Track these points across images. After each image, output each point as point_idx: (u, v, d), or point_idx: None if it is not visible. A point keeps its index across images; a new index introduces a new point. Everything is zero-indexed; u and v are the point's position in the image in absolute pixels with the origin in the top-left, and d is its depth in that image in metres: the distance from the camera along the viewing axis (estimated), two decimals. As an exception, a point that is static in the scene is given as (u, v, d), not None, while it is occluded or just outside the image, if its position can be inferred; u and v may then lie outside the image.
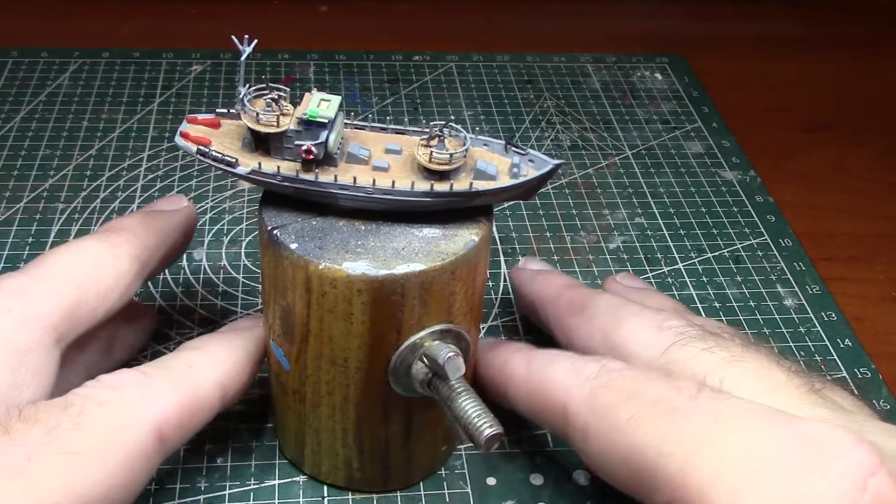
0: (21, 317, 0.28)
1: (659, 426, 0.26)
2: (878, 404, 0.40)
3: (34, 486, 0.24)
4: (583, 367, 0.30)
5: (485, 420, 0.28)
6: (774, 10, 0.74)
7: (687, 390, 0.27)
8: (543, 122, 0.58)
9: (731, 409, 0.26)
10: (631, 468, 0.27)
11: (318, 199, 0.30)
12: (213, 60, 0.61)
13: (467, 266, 0.29)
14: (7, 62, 0.60)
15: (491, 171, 0.29)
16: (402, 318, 0.29)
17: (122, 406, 0.27)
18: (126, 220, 0.34)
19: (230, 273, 0.45)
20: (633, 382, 0.28)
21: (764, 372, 0.29)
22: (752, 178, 0.54)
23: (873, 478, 0.23)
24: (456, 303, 0.30)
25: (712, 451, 0.25)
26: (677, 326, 0.31)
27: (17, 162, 0.51)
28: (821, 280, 0.47)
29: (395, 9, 0.70)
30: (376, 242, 0.29)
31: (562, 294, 0.37)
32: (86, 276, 0.31)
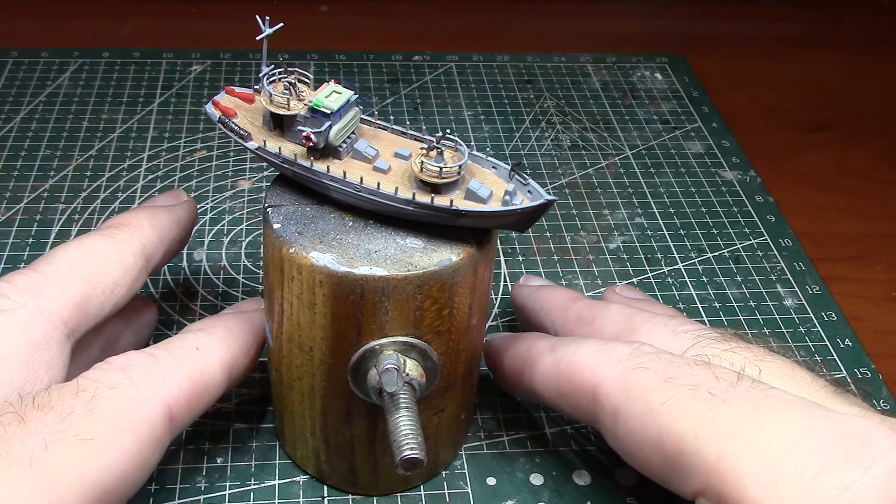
0: (34, 312, 0.29)
1: (697, 411, 0.26)
2: (878, 404, 0.40)
3: (52, 474, 0.24)
4: (613, 349, 0.29)
5: (409, 442, 0.27)
6: (774, 10, 0.74)
7: (726, 378, 0.27)
8: (543, 122, 0.58)
9: (771, 399, 0.26)
10: (664, 452, 0.27)
11: (312, 186, 0.30)
12: (213, 60, 0.61)
13: (439, 284, 0.28)
14: (7, 62, 0.60)
15: (483, 193, 0.28)
16: (361, 320, 0.29)
17: (132, 389, 0.27)
18: (129, 216, 0.34)
19: (230, 273, 0.45)
20: (669, 365, 0.28)
21: (788, 370, 0.29)
22: (752, 178, 0.54)
23: None
24: (425, 319, 0.29)
25: (751, 439, 0.25)
26: (693, 330, 0.31)
27: (18, 162, 0.51)
28: (821, 280, 0.47)
29: (395, 9, 0.70)
30: (355, 240, 0.29)
31: (569, 307, 0.36)
32: (94, 271, 0.31)
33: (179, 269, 0.45)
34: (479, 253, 0.29)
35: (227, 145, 0.54)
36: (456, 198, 0.28)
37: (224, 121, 0.31)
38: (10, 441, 0.24)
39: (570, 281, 0.46)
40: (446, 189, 0.29)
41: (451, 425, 0.34)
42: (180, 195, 0.37)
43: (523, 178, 0.29)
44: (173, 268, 0.44)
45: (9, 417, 0.25)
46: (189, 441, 0.36)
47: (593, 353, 0.30)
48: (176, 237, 0.35)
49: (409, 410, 0.28)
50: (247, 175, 0.51)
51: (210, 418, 0.37)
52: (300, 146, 0.30)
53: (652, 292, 0.45)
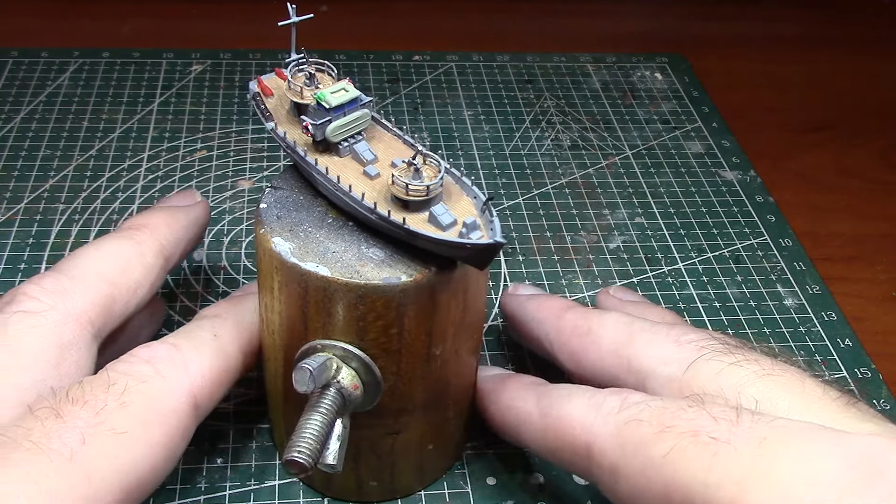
0: (63, 314, 0.29)
1: (702, 458, 0.24)
2: (878, 404, 0.40)
3: (90, 468, 0.25)
4: (602, 402, 0.28)
5: (300, 444, 0.27)
6: (774, 10, 0.74)
7: (725, 417, 0.25)
8: (543, 122, 0.58)
9: (776, 430, 0.24)
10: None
11: (307, 176, 0.31)
12: (213, 60, 0.61)
13: (384, 300, 0.28)
14: (7, 62, 0.60)
15: (444, 220, 0.27)
16: (307, 316, 0.29)
17: (159, 381, 0.28)
18: (147, 217, 0.35)
19: (230, 273, 0.45)
20: (663, 414, 0.26)
21: (798, 385, 0.27)
22: (752, 178, 0.54)
23: None
24: (370, 332, 0.29)
25: (763, 478, 0.23)
26: (697, 340, 0.30)
27: (18, 162, 0.51)
28: (821, 280, 0.47)
29: (395, 9, 0.70)
30: (322, 236, 0.29)
31: (562, 316, 0.35)
32: (117, 273, 0.32)
33: (180, 270, 0.45)
34: (437, 279, 0.28)
35: (227, 145, 0.54)
36: (418, 218, 0.28)
37: (256, 98, 0.32)
38: (49, 436, 0.25)
39: (570, 280, 0.46)
40: (416, 207, 0.28)
41: (412, 452, 0.33)
42: (195, 195, 0.38)
43: (491, 214, 0.28)
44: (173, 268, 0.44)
45: (45, 412, 0.26)
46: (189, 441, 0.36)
47: (581, 407, 0.29)
48: (191, 237, 0.36)
49: (321, 414, 0.28)
50: (247, 175, 0.51)
51: (210, 419, 0.37)
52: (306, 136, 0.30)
53: (652, 292, 0.45)
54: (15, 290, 0.30)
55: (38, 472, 0.24)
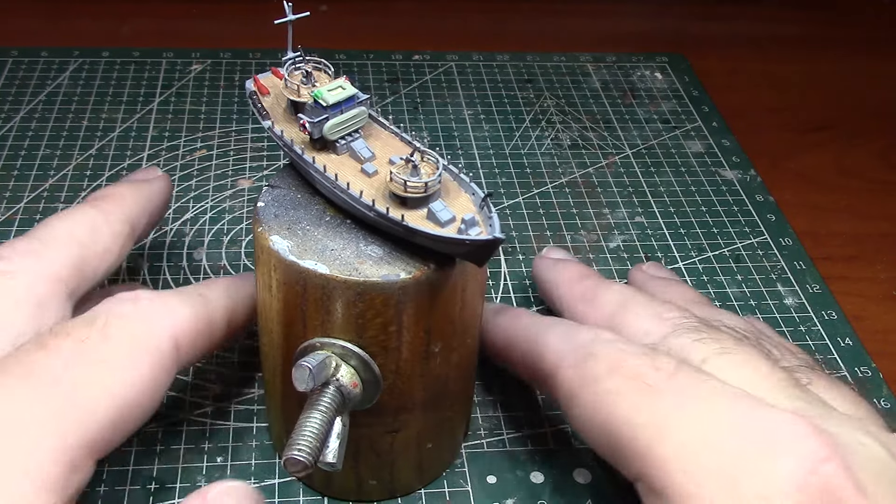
0: (36, 273, 0.31)
1: (634, 400, 0.27)
2: (878, 403, 0.40)
3: (74, 392, 0.26)
4: (576, 335, 0.31)
5: (300, 442, 0.27)
6: (774, 10, 0.74)
7: (666, 368, 0.28)
8: (543, 122, 0.58)
9: (702, 389, 0.27)
10: (609, 438, 0.28)
11: (304, 175, 0.31)
12: (213, 60, 0.61)
13: (382, 297, 0.28)
14: (7, 62, 0.60)
15: (443, 216, 0.27)
16: (306, 314, 0.29)
17: (142, 318, 0.29)
18: (113, 189, 0.37)
19: (230, 273, 0.45)
20: (618, 355, 0.29)
21: (750, 364, 0.29)
22: (753, 178, 0.54)
23: (825, 465, 0.24)
24: (369, 330, 0.28)
25: (677, 428, 0.26)
26: (676, 318, 0.32)
27: (17, 162, 0.51)
28: (821, 279, 0.47)
29: (395, 9, 0.70)
30: (320, 234, 0.29)
31: (576, 283, 0.37)
32: (86, 237, 0.33)
33: (179, 269, 0.45)
34: (436, 276, 0.28)
35: (226, 145, 0.54)
36: (416, 215, 0.28)
37: (253, 97, 0.32)
38: (33, 365, 0.26)
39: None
40: (414, 204, 0.28)
41: (411, 450, 0.33)
42: (157, 171, 0.40)
43: (489, 211, 0.27)
44: (173, 268, 0.44)
45: (29, 345, 0.27)
46: (189, 440, 0.36)
47: (558, 335, 0.31)
48: (154, 209, 0.37)
49: (320, 413, 0.28)
50: (247, 174, 0.51)
51: (210, 418, 0.37)
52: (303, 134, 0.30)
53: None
54: None
55: (22, 396, 0.25)
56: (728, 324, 0.33)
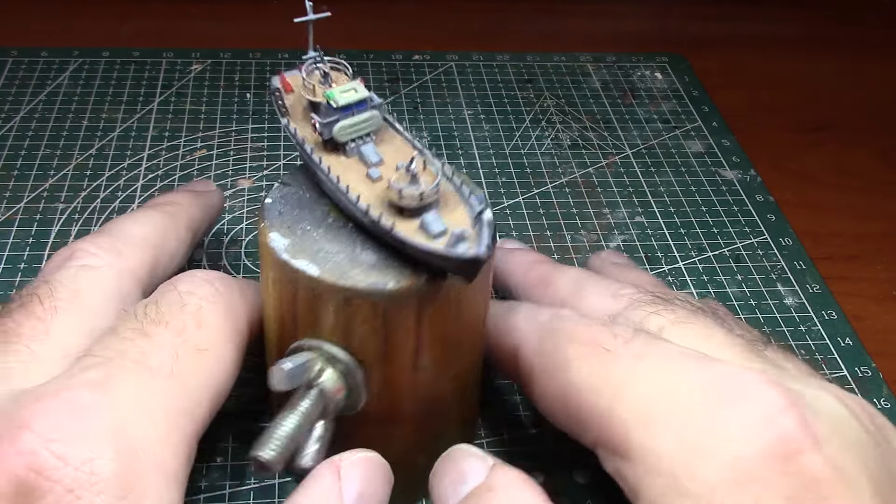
0: (120, 270, 0.32)
1: (592, 365, 0.28)
2: (878, 403, 0.40)
3: (187, 382, 0.27)
4: (537, 314, 0.31)
5: (268, 442, 0.26)
6: (774, 10, 0.74)
7: (623, 335, 0.28)
8: (543, 122, 0.58)
9: (657, 350, 0.27)
10: (567, 407, 0.28)
11: (313, 174, 0.31)
12: (213, 60, 0.61)
13: (370, 304, 0.27)
14: (7, 62, 0.60)
15: (434, 228, 0.26)
16: (297, 314, 0.29)
17: (226, 302, 0.30)
18: (175, 196, 0.39)
19: (230, 273, 0.45)
20: (576, 326, 0.29)
21: (705, 332, 0.30)
22: (753, 178, 0.54)
23: (783, 415, 0.24)
24: (355, 336, 0.28)
25: (633, 389, 0.26)
26: (630, 294, 0.33)
27: (17, 162, 0.51)
28: (821, 279, 0.47)
29: (395, 9, 0.70)
30: (319, 236, 0.29)
31: (531, 269, 0.37)
32: (159, 240, 0.35)
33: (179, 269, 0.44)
34: (426, 289, 0.27)
35: (226, 145, 0.54)
36: (409, 225, 0.27)
37: (276, 93, 0.32)
38: (146, 355, 0.27)
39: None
40: (410, 213, 0.27)
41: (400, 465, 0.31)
42: (211, 184, 0.42)
43: (482, 227, 0.27)
44: (173, 267, 0.44)
45: (132, 333, 0.27)
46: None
47: (520, 317, 0.32)
48: (208, 219, 0.40)
49: (297, 415, 0.27)
50: (247, 174, 0.51)
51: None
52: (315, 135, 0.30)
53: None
54: (71, 246, 0.33)
55: (144, 387, 0.26)
56: (682, 298, 0.33)
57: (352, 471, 0.26)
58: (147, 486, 0.24)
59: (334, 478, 0.26)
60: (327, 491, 0.26)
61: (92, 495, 0.22)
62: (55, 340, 0.28)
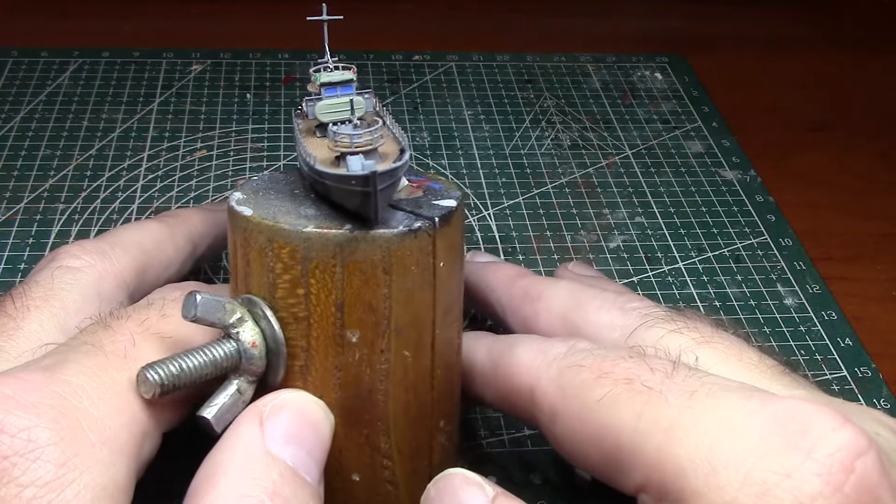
0: (102, 271, 0.33)
1: (634, 405, 0.25)
2: (878, 403, 0.40)
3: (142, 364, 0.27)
4: (550, 348, 0.29)
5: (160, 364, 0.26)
6: (774, 10, 0.74)
7: (661, 369, 0.26)
8: (543, 122, 0.58)
9: (708, 386, 0.25)
10: (603, 449, 0.26)
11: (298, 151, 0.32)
12: (213, 60, 0.61)
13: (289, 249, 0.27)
14: (7, 62, 0.60)
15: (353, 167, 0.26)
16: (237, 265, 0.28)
17: None
18: (180, 210, 0.40)
19: (230, 273, 0.45)
20: (603, 361, 0.27)
21: (735, 352, 0.28)
22: (753, 178, 0.54)
23: (861, 459, 0.22)
24: (279, 288, 0.27)
25: (690, 429, 0.24)
26: (641, 307, 0.31)
27: (17, 162, 0.51)
28: (821, 279, 0.47)
29: (395, 9, 0.70)
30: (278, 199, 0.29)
31: (514, 283, 0.35)
32: (152, 246, 0.35)
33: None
34: (348, 240, 0.26)
35: (227, 145, 0.54)
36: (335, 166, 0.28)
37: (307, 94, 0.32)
38: (102, 341, 0.27)
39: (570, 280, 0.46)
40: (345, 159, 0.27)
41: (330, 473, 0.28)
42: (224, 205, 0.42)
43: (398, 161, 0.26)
44: (173, 267, 0.44)
45: (94, 326, 0.28)
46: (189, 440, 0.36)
47: (529, 352, 0.29)
48: (218, 234, 0.39)
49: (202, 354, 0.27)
50: (247, 174, 0.51)
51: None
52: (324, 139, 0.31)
53: (652, 291, 0.45)
54: (58, 249, 0.33)
55: (96, 367, 0.26)
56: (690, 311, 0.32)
57: (274, 414, 0.25)
58: (91, 456, 0.24)
59: (254, 424, 0.25)
60: (249, 440, 0.25)
61: (28, 462, 0.23)
62: (25, 337, 0.29)
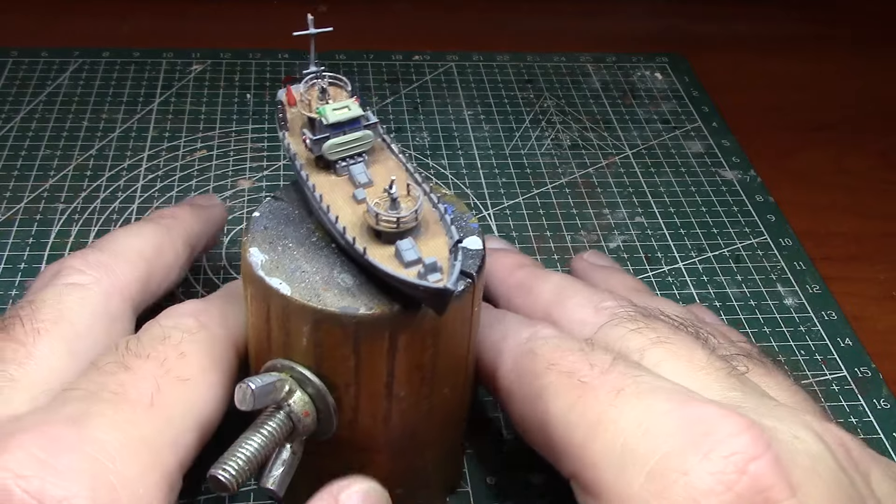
0: (109, 287, 0.31)
1: (568, 398, 0.27)
2: (878, 403, 0.40)
3: (168, 412, 0.27)
4: (517, 331, 0.31)
5: (229, 461, 0.26)
6: (774, 10, 0.74)
7: (600, 364, 0.27)
8: (543, 122, 0.58)
9: (636, 385, 0.26)
10: (545, 436, 0.28)
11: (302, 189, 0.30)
12: (213, 60, 0.61)
13: (340, 330, 0.26)
14: (7, 62, 0.60)
15: (408, 256, 0.26)
16: (270, 332, 0.28)
17: (206, 332, 0.30)
18: (175, 210, 0.38)
19: (230, 273, 0.45)
20: (554, 352, 0.29)
21: (685, 353, 0.29)
22: (752, 178, 0.54)
23: (755, 462, 0.23)
24: (326, 360, 0.27)
25: (610, 425, 0.26)
26: (612, 307, 0.32)
27: (18, 162, 0.51)
28: (821, 279, 0.47)
29: (395, 9, 0.70)
30: (300, 254, 0.28)
31: (512, 273, 0.36)
32: (154, 254, 0.34)
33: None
34: (399, 318, 0.26)
35: (227, 145, 0.54)
36: (384, 251, 0.26)
37: (279, 106, 0.31)
38: (125, 386, 0.26)
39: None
40: (387, 238, 0.27)
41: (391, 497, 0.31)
42: (214, 198, 0.42)
43: (455, 258, 0.26)
44: (173, 267, 0.44)
45: (112, 367, 0.27)
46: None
47: (499, 333, 0.31)
48: (210, 234, 0.39)
49: (261, 436, 0.27)
50: (246, 175, 0.51)
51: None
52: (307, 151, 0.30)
53: (652, 291, 0.45)
54: (60, 263, 0.32)
55: (124, 420, 0.25)
56: (666, 311, 0.32)
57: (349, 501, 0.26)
58: None
59: None
60: None
61: None
62: (37, 364, 0.28)
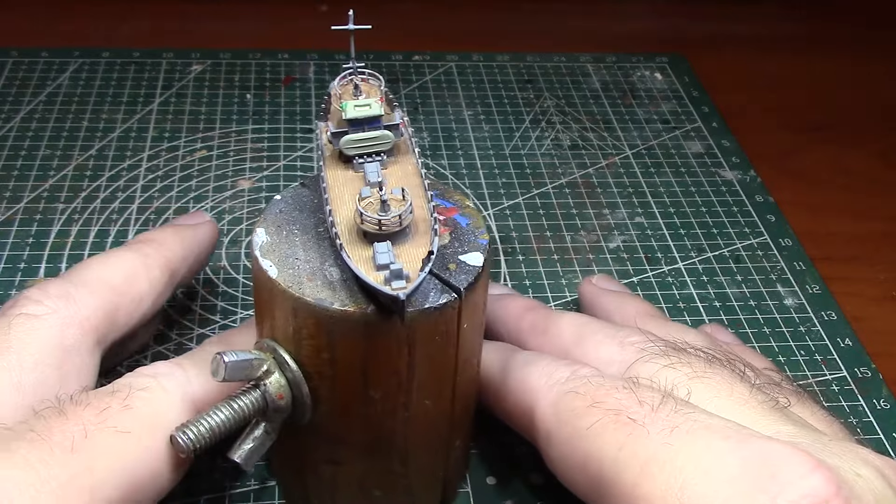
0: (66, 318, 0.30)
1: (617, 436, 0.26)
2: (878, 404, 0.40)
3: (92, 462, 0.26)
4: (554, 371, 0.30)
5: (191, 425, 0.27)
6: (774, 10, 0.74)
7: (649, 402, 0.26)
8: (543, 122, 0.58)
9: (690, 423, 0.25)
10: (588, 476, 0.27)
11: None
12: (213, 60, 0.61)
13: (314, 320, 0.26)
14: (7, 62, 0.60)
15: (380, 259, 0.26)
16: (261, 311, 0.29)
17: (161, 391, 0.29)
18: (155, 233, 0.37)
19: (230, 273, 0.45)
20: (598, 390, 0.28)
21: (726, 388, 0.28)
22: (752, 178, 0.54)
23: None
24: (304, 349, 0.28)
25: (665, 465, 0.24)
26: (639, 342, 0.31)
27: (17, 162, 0.51)
28: (821, 279, 0.47)
29: (395, 9, 0.70)
30: (301, 241, 0.29)
31: (523, 316, 0.36)
32: (123, 283, 0.33)
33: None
34: (373, 320, 0.26)
35: (227, 145, 0.54)
36: (363, 252, 0.27)
37: (326, 97, 0.31)
38: (52, 429, 0.26)
39: (570, 280, 0.46)
40: (372, 239, 0.27)
41: (353, 489, 0.32)
42: (204, 216, 0.40)
43: (422, 270, 0.26)
44: (173, 267, 0.44)
45: (49, 411, 0.26)
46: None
47: (536, 373, 0.30)
48: (198, 254, 0.37)
49: (230, 409, 0.27)
50: (246, 175, 0.51)
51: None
52: None
53: (652, 292, 0.45)
54: (20, 293, 0.31)
55: (38, 460, 0.25)
56: (692, 343, 0.32)
57: None
58: None
59: None
60: None
61: None
62: None
